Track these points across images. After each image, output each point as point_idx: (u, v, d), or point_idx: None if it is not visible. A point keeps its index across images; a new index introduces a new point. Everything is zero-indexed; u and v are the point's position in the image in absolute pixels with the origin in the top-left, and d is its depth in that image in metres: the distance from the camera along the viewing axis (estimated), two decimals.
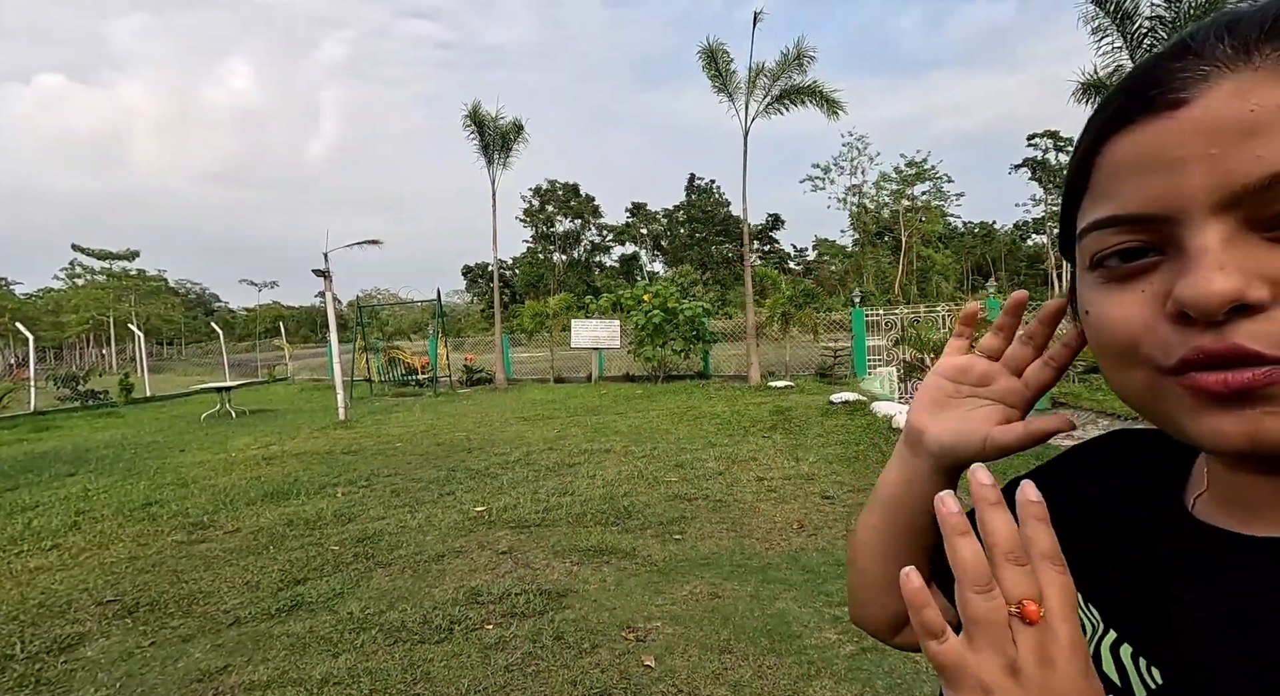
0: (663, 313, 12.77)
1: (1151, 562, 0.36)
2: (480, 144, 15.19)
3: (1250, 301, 0.26)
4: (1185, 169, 0.28)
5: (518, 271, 63.07)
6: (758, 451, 6.46)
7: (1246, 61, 0.27)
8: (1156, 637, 0.34)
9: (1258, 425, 0.28)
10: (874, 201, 53.83)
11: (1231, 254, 0.27)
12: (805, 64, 10.62)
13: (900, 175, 52.06)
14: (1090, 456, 0.48)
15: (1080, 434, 8.03)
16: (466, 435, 8.62)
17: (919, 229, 52.48)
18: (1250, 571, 0.31)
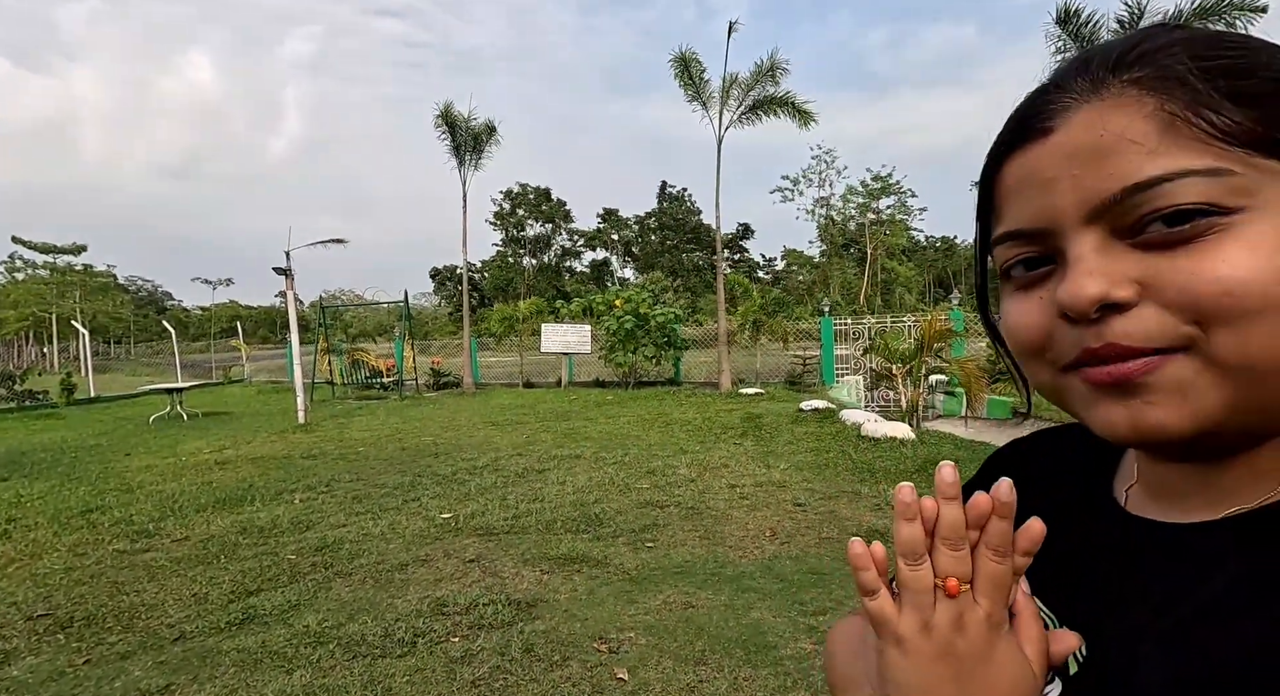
0: (634, 318, 12.72)
1: (1084, 551, 0.39)
2: (452, 145, 14.96)
3: (1117, 300, 0.30)
4: (1056, 187, 0.32)
5: (487, 275, 62.37)
6: (729, 458, 6.44)
7: (1096, 93, 0.31)
8: (1085, 617, 0.36)
9: (1140, 414, 0.31)
10: (841, 214, 55.00)
11: (1101, 260, 0.30)
12: (778, 75, 10.78)
13: (866, 189, 53.35)
14: (1029, 450, 0.52)
15: None
16: (433, 440, 8.40)
17: (883, 242, 53.78)
18: (1172, 557, 0.34)
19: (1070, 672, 0.35)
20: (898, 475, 5.36)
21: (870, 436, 6.63)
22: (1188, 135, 0.28)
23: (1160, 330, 0.29)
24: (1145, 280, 0.30)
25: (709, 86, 11.31)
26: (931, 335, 7.19)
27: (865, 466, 5.70)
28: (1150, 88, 0.30)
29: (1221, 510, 0.33)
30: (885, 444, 6.37)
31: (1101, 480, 0.42)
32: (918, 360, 7.37)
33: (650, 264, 60.15)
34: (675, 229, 62.62)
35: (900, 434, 6.51)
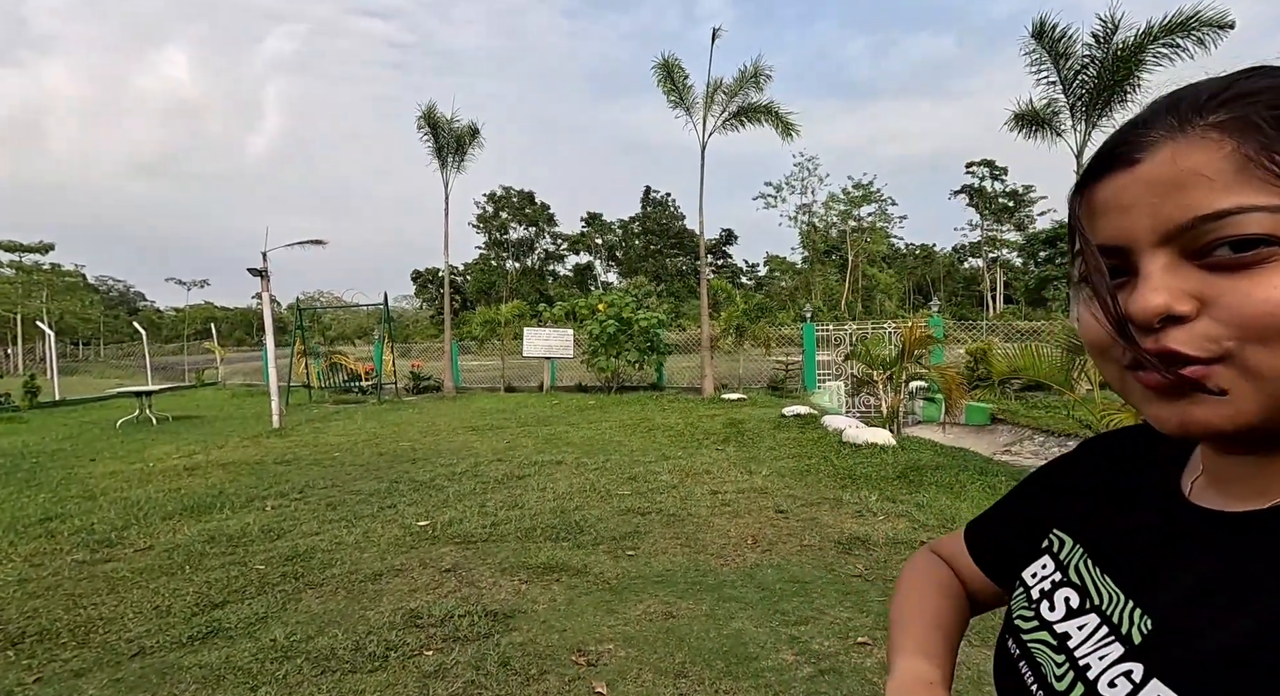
0: (617, 323, 12.67)
1: (1147, 530, 0.45)
2: (434, 146, 14.81)
3: (1177, 313, 0.34)
4: (1135, 212, 0.36)
5: (469, 278, 61.91)
6: (711, 464, 6.40)
7: (1181, 131, 0.35)
8: (1149, 593, 0.41)
9: (1186, 413, 0.36)
10: (823, 221, 55.55)
11: (1167, 278, 0.35)
12: (762, 82, 10.82)
13: (848, 196, 53.94)
14: (1116, 439, 0.56)
15: (1017, 448, 8.35)
16: (411, 445, 8.26)
17: (864, 249, 54.38)
18: (1227, 543, 0.38)
19: (1135, 642, 0.39)
20: (879, 482, 5.37)
21: (852, 442, 6.64)
22: (1259, 175, 0.32)
23: (1210, 341, 0.34)
24: (1204, 297, 0.34)
25: (693, 92, 11.34)
26: (912, 342, 7.24)
27: (847, 472, 5.70)
28: (1229, 131, 0.33)
29: (1270, 499, 0.37)
30: (866, 450, 6.39)
31: (1174, 469, 0.47)
32: (899, 367, 7.41)
33: (634, 268, 60.16)
34: (659, 233, 62.75)
35: (881, 440, 6.53)
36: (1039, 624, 0.48)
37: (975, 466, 5.71)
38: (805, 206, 55.31)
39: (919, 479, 5.35)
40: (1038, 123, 10.10)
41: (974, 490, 4.94)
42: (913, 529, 4.14)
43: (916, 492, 4.95)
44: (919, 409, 11.14)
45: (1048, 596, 0.49)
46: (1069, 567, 0.49)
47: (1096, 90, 8.87)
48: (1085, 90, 9.08)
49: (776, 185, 54.29)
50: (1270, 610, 0.33)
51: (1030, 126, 10.25)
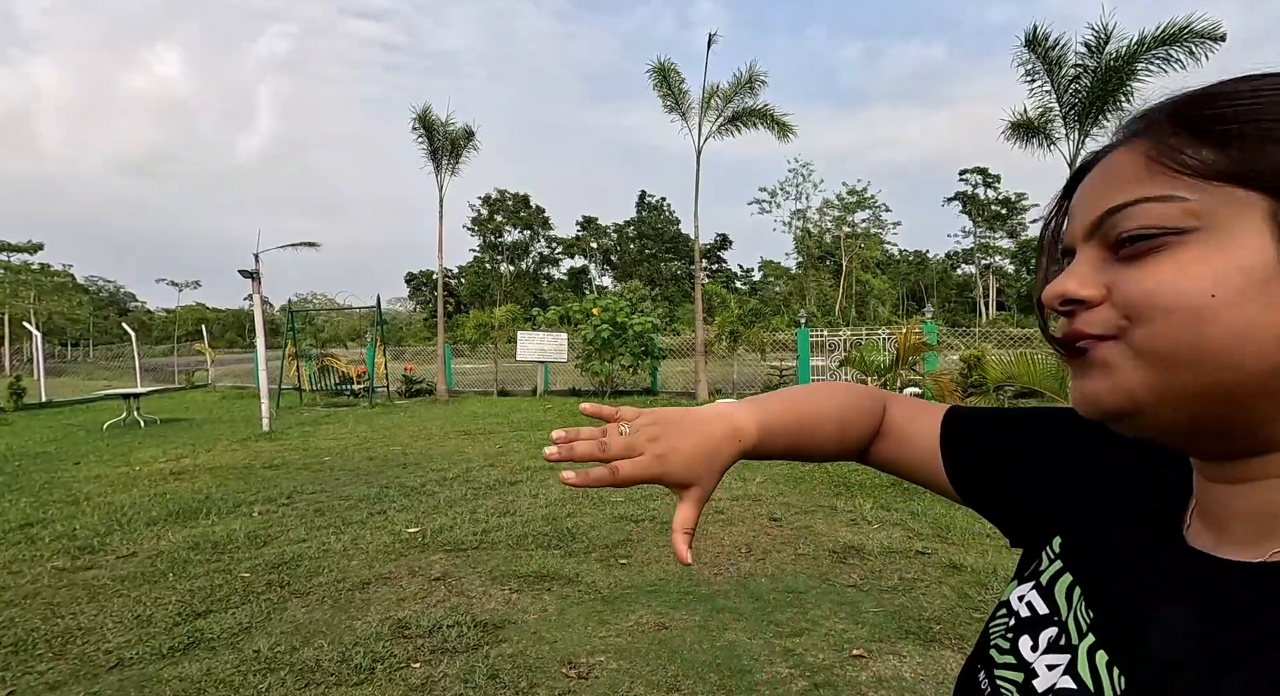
0: (612, 327, 12.62)
1: (1140, 571, 0.41)
2: (429, 149, 14.76)
3: (1082, 298, 0.36)
4: (1078, 213, 0.39)
5: (463, 280, 61.78)
6: None
7: (1122, 140, 0.38)
8: (1128, 648, 0.38)
9: (1082, 386, 0.38)
10: (817, 226, 55.71)
11: (1084, 267, 0.37)
12: (757, 87, 10.84)
13: (842, 202, 54.14)
14: None
15: None
16: (402, 449, 8.18)
17: (858, 254, 54.60)
18: (1216, 598, 0.36)
19: None
20: (873, 490, 5.34)
21: None
22: (1160, 171, 0.34)
23: (1105, 323, 0.36)
24: (1110, 285, 0.36)
25: (688, 97, 11.35)
26: (907, 348, 7.23)
27: (841, 480, 5.68)
28: (1145, 134, 0.36)
29: (1268, 548, 0.35)
30: None
31: (1183, 487, 0.43)
32: (893, 373, 7.40)
33: (628, 272, 60.21)
34: (654, 238, 62.85)
35: None
36: (1015, 662, 0.45)
37: None
38: (800, 212, 55.48)
39: (913, 488, 5.31)
40: (1032, 131, 10.15)
41: None
42: (907, 538, 4.11)
43: (911, 501, 4.92)
44: None
45: (1029, 629, 0.45)
46: (1055, 593, 0.45)
47: (1089, 99, 8.92)
48: (1078, 99, 9.12)
49: (771, 190, 54.47)
50: (1254, 687, 0.30)
51: (1025, 135, 10.29)
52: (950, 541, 4.03)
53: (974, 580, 3.43)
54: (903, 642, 2.82)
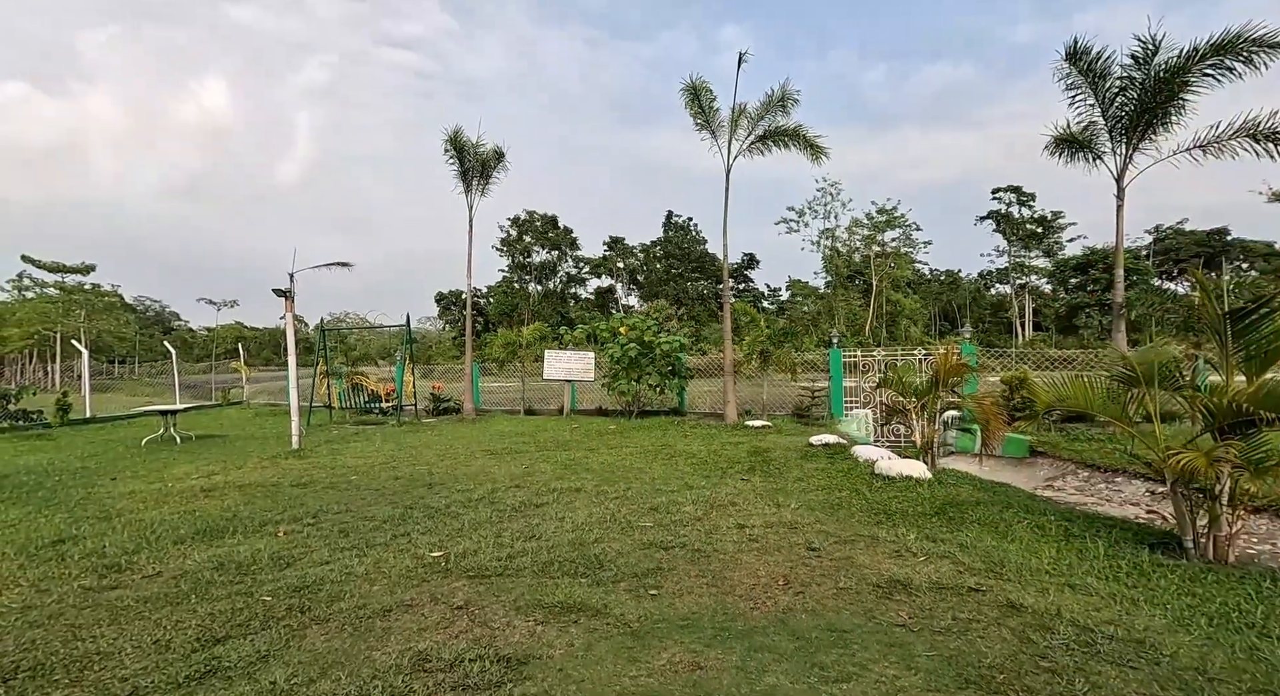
0: (639, 346, 12.51)
1: None
2: (460, 170, 15.00)
3: None
4: None
5: (492, 300, 62.55)
6: (737, 495, 6.14)
7: None
8: None
9: None
10: (846, 245, 55.07)
11: None
12: (789, 106, 10.76)
13: (871, 221, 53.48)
14: None
15: (1060, 483, 7.91)
16: (428, 469, 8.12)
17: (889, 274, 53.72)
18: None
19: None
20: (916, 518, 5.06)
21: (885, 474, 6.33)
22: None
23: None
24: None
25: (719, 116, 11.31)
26: (947, 370, 6.94)
27: (881, 507, 5.40)
28: None
29: None
30: (900, 483, 6.07)
31: None
32: (932, 395, 7.10)
33: (655, 292, 60.31)
34: (680, 258, 62.95)
35: (916, 472, 6.21)
36: None
37: (1019, 503, 5.36)
38: (828, 231, 54.92)
39: (959, 516, 5.03)
40: (1076, 146, 9.83)
41: (1020, 530, 4.61)
42: (957, 572, 3.83)
43: (958, 531, 4.63)
44: (952, 439, 10.72)
45: None
46: None
47: (1137, 112, 8.60)
48: (1125, 112, 8.81)
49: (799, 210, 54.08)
50: None
51: (1069, 150, 9.98)
52: (1004, 577, 3.74)
53: (1036, 622, 3.15)
54: (963, 694, 2.57)
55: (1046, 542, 4.33)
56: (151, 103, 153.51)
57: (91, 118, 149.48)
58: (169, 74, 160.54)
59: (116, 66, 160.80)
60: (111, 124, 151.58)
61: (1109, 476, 7.28)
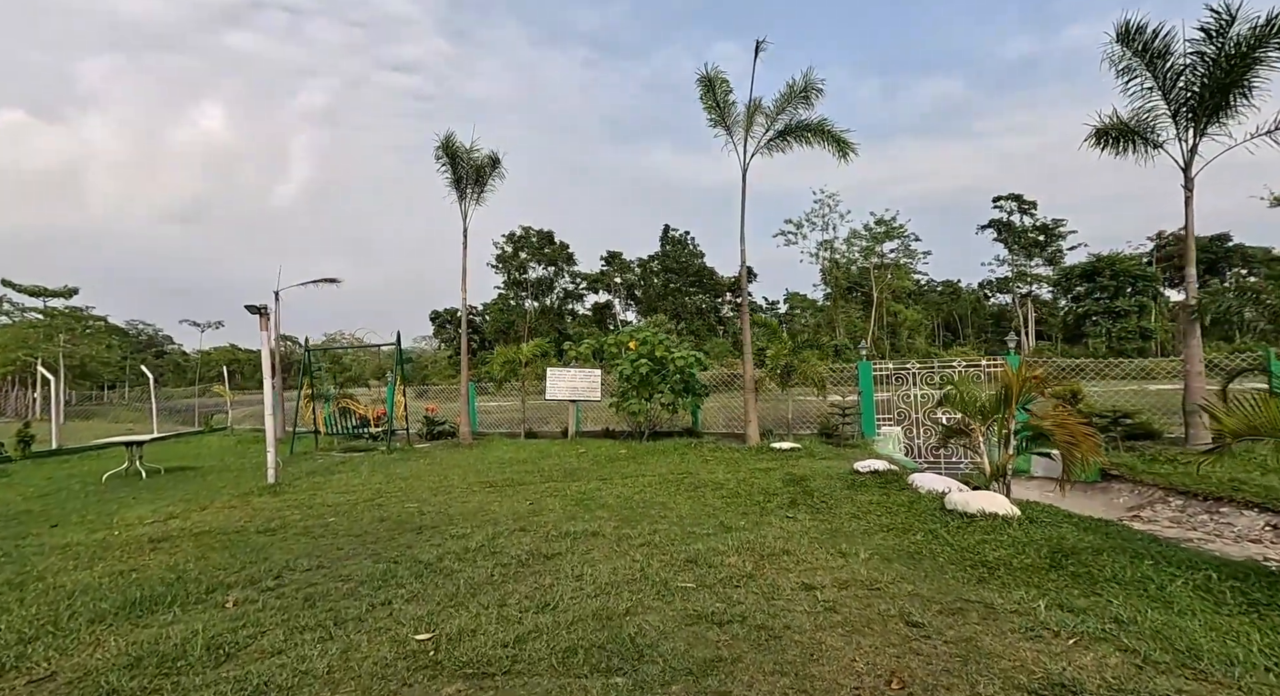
0: (650, 362, 11.53)
1: None
2: (452, 177, 14.11)
3: None
4: None
5: (488, 317, 61.61)
6: (787, 539, 5.11)
7: None
8: None
9: None
10: (845, 257, 54.49)
11: None
12: (813, 97, 9.90)
13: (870, 232, 52.96)
14: None
15: (1149, 514, 6.90)
16: (419, 507, 7.08)
17: (889, 285, 53.07)
18: None
19: None
20: (1027, 573, 4.04)
21: (960, 511, 5.32)
22: None
23: None
24: None
25: (734, 110, 10.44)
26: (1020, 384, 5.97)
27: (974, 556, 4.38)
28: None
29: None
30: (984, 522, 5.05)
31: None
32: (1003, 414, 6.12)
33: (653, 307, 59.45)
34: (678, 272, 62.19)
35: (1000, 508, 5.21)
36: None
37: (1149, 550, 4.35)
38: (826, 243, 54.35)
39: (1084, 570, 4.01)
40: (1127, 135, 8.97)
41: (1181, 593, 3.59)
42: (1136, 667, 2.81)
43: (1096, 594, 3.62)
44: None
45: None
46: None
47: (1209, 91, 7.75)
48: (1192, 93, 7.97)
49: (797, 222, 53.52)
50: None
51: (1117, 141, 9.12)
52: (1211, 678, 2.72)
53: None
54: None
55: (1230, 614, 3.31)
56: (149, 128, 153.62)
57: (88, 144, 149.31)
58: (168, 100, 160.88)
59: (116, 94, 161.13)
60: (109, 150, 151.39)
61: (1210, 506, 6.28)
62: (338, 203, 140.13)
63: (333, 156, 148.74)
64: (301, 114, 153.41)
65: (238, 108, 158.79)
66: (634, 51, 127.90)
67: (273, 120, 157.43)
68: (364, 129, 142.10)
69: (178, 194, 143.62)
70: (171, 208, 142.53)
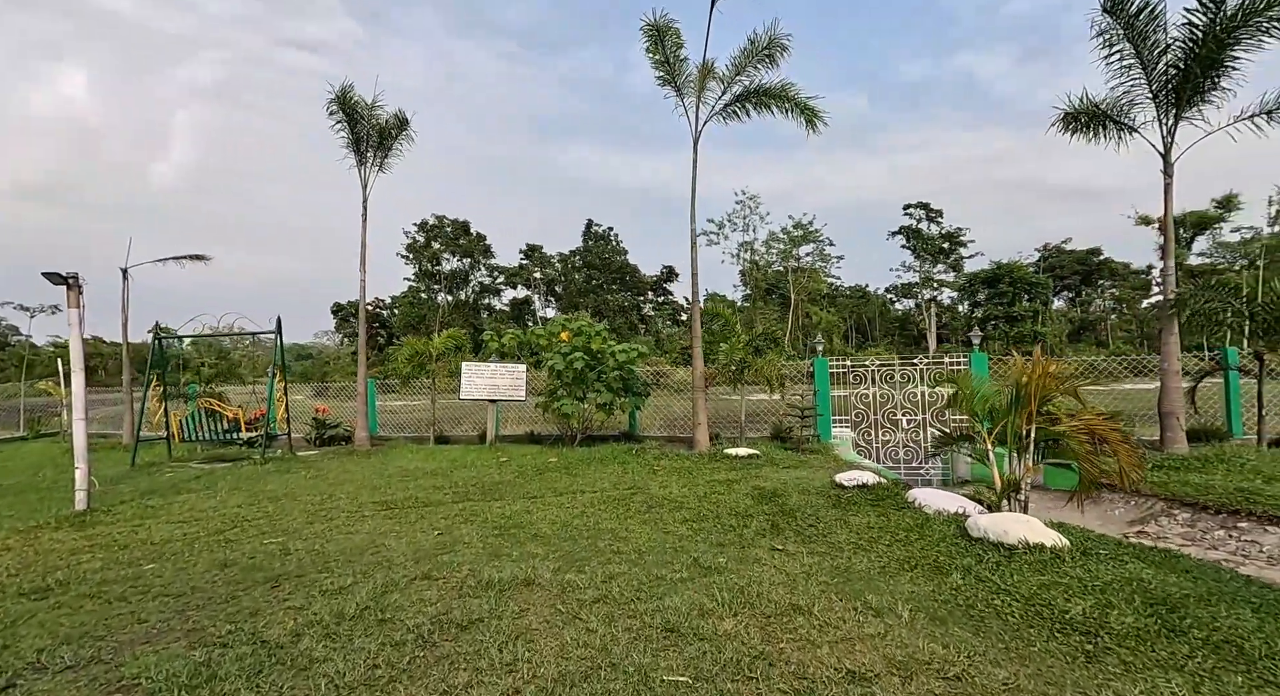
0: (586, 356, 10.05)
1: None
2: (350, 137, 11.97)
3: None
4: None
5: (397, 311, 57.55)
6: (789, 585, 3.84)
7: None
8: None
9: None
10: (764, 259, 55.28)
11: None
12: (777, 57, 8.78)
13: (788, 235, 53.95)
14: None
15: (1154, 529, 6.20)
16: (284, 542, 5.27)
17: (805, 288, 54.29)
18: None
19: None
20: (1144, 642, 2.96)
21: (993, 540, 4.26)
22: None
23: None
24: None
25: (686, 68, 9.16)
26: (1039, 384, 5.04)
27: (1051, 613, 3.28)
28: None
29: None
30: (1029, 556, 4.01)
31: None
32: (1016, 417, 5.17)
33: (574, 303, 57.63)
34: (600, 268, 60.72)
35: (1044, 536, 4.19)
36: None
37: (1254, 595, 3.40)
38: (746, 244, 54.91)
39: (1216, 637, 2.97)
40: (1099, 119, 8.51)
41: None
42: None
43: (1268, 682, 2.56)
44: (964, 468, 9.03)
45: None
46: None
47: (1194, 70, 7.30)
48: (1176, 71, 7.53)
49: (719, 222, 53.60)
50: None
51: (1088, 125, 8.66)
52: None
53: None
54: None
55: None
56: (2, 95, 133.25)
57: None
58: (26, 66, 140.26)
59: None
60: None
61: (1225, 520, 5.63)
62: (230, 187, 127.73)
63: (224, 137, 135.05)
64: (188, 88, 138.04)
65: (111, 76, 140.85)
66: (557, 46, 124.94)
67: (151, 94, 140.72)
68: (261, 110, 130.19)
69: (30, 166, 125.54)
70: (20, 180, 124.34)
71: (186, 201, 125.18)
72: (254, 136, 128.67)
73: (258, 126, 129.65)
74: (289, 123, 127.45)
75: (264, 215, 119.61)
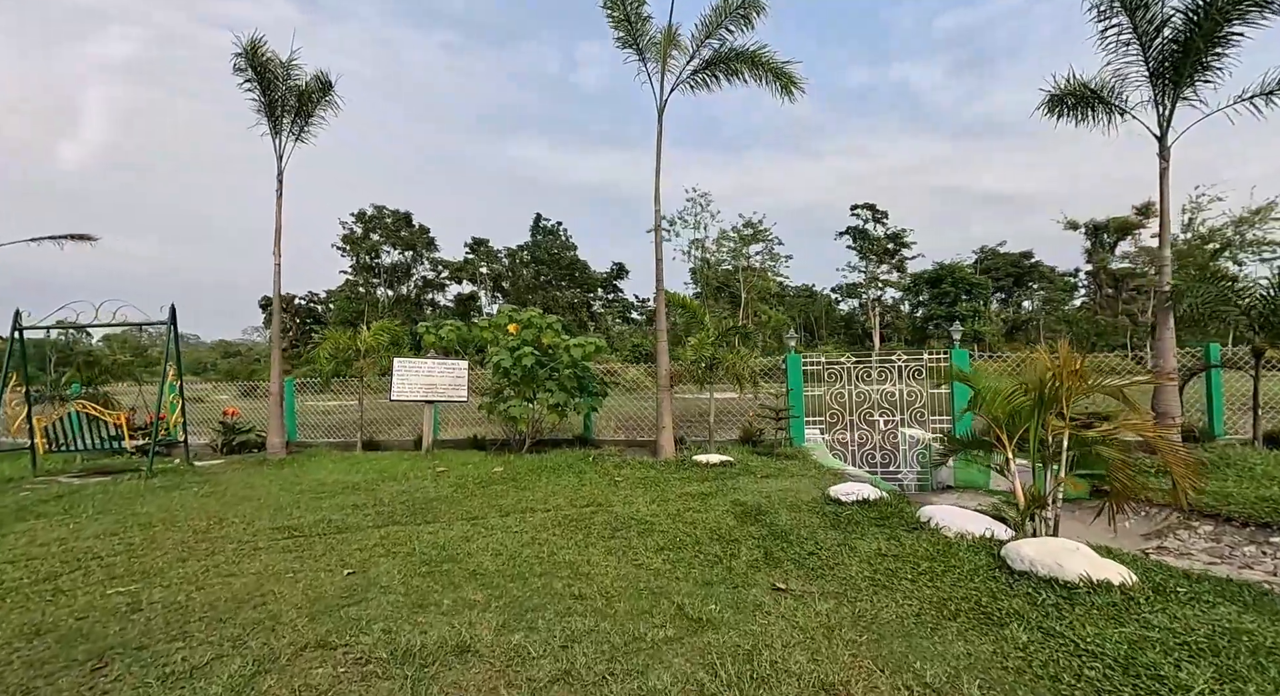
0: (536, 352, 8.95)
1: None
2: (263, 101, 10.42)
3: None
4: None
5: (332, 306, 54.36)
6: (808, 646, 2.93)
7: None
8: None
9: None
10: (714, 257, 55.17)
11: None
12: (753, 17, 7.93)
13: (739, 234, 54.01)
14: None
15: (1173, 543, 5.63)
16: (135, 591, 4.00)
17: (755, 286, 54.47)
18: None
19: None
20: None
21: (1046, 575, 3.47)
22: None
23: None
24: None
25: (649, 28, 8.19)
26: (1066, 378, 4.33)
27: (1153, 685, 2.48)
28: None
29: None
30: (1094, 598, 3.23)
31: None
32: (1040, 417, 4.45)
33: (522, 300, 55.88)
34: (549, 264, 59.16)
35: (1109, 572, 3.42)
36: None
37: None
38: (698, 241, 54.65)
39: None
40: (1088, 101, 8.05)
41: None
42: None
43: None
44: (946, 473, 8.44)
45: None
46: None
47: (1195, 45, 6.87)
48: (1176, 46, 7.10)
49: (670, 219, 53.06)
50: None
51: (1076, 107, 8.19)
52: None
53: None
54: None
55: None
56: None
57: None
58: None
59: None
60: None
61: (1253, 534, 5.09)
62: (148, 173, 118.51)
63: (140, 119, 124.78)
64: (95, 65, 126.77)
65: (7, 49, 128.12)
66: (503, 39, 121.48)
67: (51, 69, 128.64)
68: (183, 92, 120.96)
69: None
70: None
71: (95, 186, 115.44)
72: (174, 120, 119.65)
73: (179, 108, 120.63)
74: (215, 107, 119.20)
75: (186, 203, 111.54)
